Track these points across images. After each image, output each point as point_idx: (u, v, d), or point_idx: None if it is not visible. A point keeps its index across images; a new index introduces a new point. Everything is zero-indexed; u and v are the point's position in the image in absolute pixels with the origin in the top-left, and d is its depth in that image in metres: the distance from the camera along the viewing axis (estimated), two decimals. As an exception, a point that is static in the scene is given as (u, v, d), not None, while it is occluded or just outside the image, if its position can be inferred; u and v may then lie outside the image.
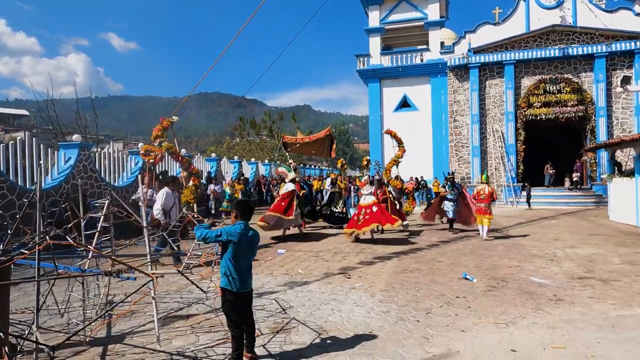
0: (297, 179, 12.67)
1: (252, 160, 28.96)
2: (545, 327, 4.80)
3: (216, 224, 4.24)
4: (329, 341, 4.49)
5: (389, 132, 14.45)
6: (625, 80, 22.02)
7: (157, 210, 8.04)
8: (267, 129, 44.34)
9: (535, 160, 24.31)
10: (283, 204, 11.56)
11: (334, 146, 15.08)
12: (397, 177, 14.22)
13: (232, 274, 3.77)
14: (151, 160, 6.50)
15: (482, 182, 11.77)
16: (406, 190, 14.49)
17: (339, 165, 16.61)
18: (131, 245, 6.17)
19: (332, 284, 6.90)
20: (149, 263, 4.05)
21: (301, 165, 33.28)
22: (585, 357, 4.01)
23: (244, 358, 3.94)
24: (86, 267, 4.20)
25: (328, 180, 22.74)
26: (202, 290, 4.66)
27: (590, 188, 22.23)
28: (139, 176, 5.09)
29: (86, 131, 20.22)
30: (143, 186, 9.09)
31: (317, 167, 42.71)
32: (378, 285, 6.72)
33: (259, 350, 4.19)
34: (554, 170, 23.61)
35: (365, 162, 14.89)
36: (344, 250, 10.05)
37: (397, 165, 14.15)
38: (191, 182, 9.78)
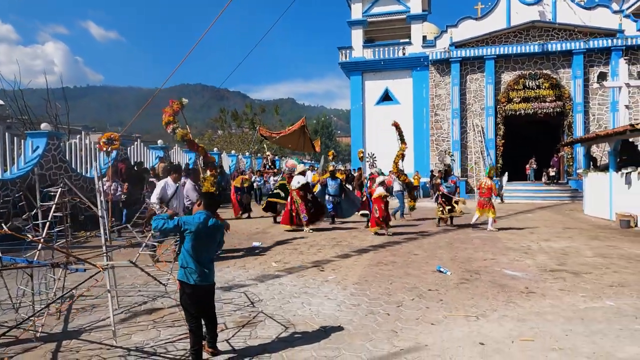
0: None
1: (233, 152, 28.55)
2: (515, 319, 4.76)
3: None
4: (295, 335, 4.37)
5: (395, 124, 14.25)
6: (602, 77, 22.38)
7: (152, 201, 7.59)
8: (248, 122, 43.82)
9: (513, 154, 24.60)
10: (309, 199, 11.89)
11: (319, 141, 15.00)
12: (402, 172, 13.99)
13: (189, 266, 3.61)
14: (104, 149, 6.17)
15: (486, 177, 12.02)
16: (412, 185, 14.28)
17: (330, 157, 16.45)
18: (92, 236, 5.92)
19: (304, 276, 6.77)
20: (104, 254, 3.84)
21: (279, 157, 32.92)
22: (552, 350, 3.97)
23: (204, 353, 3.79)
24: (35, 259, 3.96)
25: (310, 174, 22.55)
26: (160, 282, 4.47)
27: (567, 183, 22.60)
28: (94, 164, 4.85)
29: (57, 120, 19.48)
30: (105, 179, 8.73)
31: (299, 160, 42.40)
32: (351, 278, 6.62)
33: (222, 345, 4.04)
34: (536, 166, 23.98)
35: (360, 155, 15.12)
36: (320, 243, 9.94)
37: (403, 159, 13.95)
38: (208, 172, 9.22)
